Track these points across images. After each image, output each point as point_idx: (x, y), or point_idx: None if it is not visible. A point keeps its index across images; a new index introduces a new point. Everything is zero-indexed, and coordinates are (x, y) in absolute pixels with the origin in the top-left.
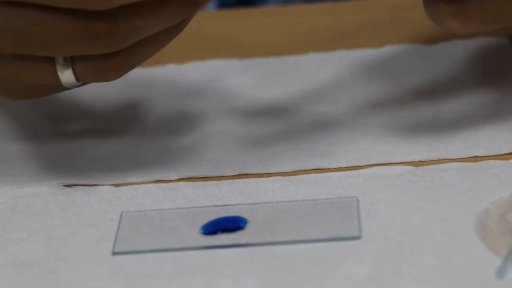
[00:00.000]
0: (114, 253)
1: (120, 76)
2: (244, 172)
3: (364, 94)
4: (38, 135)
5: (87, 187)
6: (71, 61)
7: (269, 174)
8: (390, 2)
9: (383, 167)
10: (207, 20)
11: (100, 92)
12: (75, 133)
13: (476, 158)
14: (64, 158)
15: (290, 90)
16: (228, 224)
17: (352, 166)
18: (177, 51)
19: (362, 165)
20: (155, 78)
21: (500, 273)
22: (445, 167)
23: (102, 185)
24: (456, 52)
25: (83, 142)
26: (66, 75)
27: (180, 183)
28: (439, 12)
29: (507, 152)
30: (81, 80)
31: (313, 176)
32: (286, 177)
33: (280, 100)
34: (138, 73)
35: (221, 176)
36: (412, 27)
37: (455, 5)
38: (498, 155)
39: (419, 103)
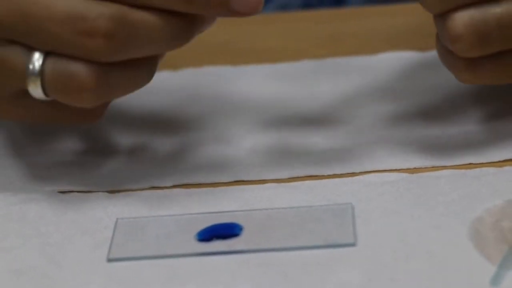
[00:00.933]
0: (109, 260)
1: (94, 103)
2: (239, 179)
3: (359, 102)
4: (33, 141)
5: (82, 194)
6: (43, 69)
7: (264, 181)
8: (386, 10)
9: (378, 174)
10: None
11: None
12: (69, 140)
13: (470, 166)
14: (59, 164)
15: (285, 97)
16: (223, 231)
17: (347, 173)
18: (171, 58)
19: (357, 172)
20: (149, 85)
21: (495, 281)
22: (439, 174)
23: (97, 191)
24: None
25: (77, 149)
26: (34, 84)
27: (175, 190)
28: (452, 63)
29: (501, 159)
30: (49, 93)
31: (308, 183)
32: (281, 184)
33: (275, 107)
34: None
35: (216, 183)
36: (408, 34)
37: (468, 59)
38: (492, 162)
39: (413, 110)
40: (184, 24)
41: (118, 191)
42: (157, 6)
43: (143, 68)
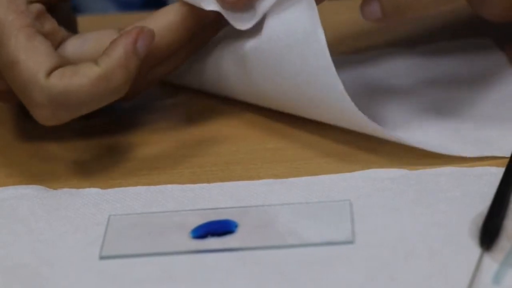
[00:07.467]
0: (102, 258)
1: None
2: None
3: (359, 97)
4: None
5: (73, 190)
6: None
7: (260, 177)
8: None
9: (376, 170)
10: None
11: None
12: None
13: (472, 164)
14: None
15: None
16: (218, 228)
17: (345, 169)
18: None
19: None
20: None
21: (497, 279)
22: (440, 171)
23: (89, 187)
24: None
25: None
26: None
27: (169, 185)
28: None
29: (501, 155)
30: None
31: (304, 179)
32: (278, 180)
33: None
34: None
35: (211, 179)
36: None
37: None
38: (494, 159)
39: (409, 106)
40: None
41: (111, 187)
42: None
43: None
